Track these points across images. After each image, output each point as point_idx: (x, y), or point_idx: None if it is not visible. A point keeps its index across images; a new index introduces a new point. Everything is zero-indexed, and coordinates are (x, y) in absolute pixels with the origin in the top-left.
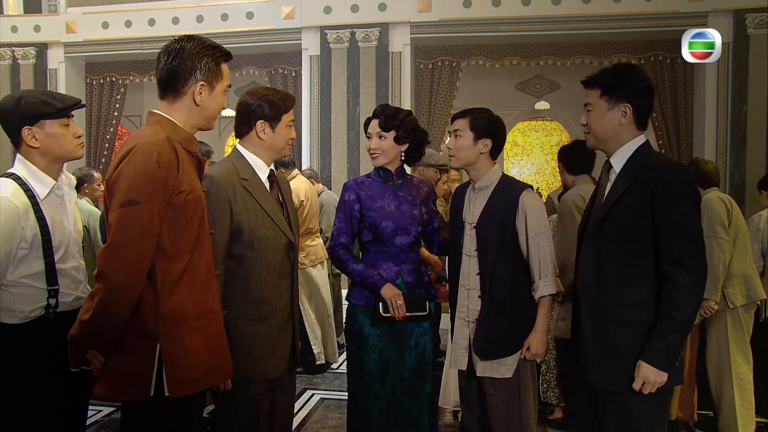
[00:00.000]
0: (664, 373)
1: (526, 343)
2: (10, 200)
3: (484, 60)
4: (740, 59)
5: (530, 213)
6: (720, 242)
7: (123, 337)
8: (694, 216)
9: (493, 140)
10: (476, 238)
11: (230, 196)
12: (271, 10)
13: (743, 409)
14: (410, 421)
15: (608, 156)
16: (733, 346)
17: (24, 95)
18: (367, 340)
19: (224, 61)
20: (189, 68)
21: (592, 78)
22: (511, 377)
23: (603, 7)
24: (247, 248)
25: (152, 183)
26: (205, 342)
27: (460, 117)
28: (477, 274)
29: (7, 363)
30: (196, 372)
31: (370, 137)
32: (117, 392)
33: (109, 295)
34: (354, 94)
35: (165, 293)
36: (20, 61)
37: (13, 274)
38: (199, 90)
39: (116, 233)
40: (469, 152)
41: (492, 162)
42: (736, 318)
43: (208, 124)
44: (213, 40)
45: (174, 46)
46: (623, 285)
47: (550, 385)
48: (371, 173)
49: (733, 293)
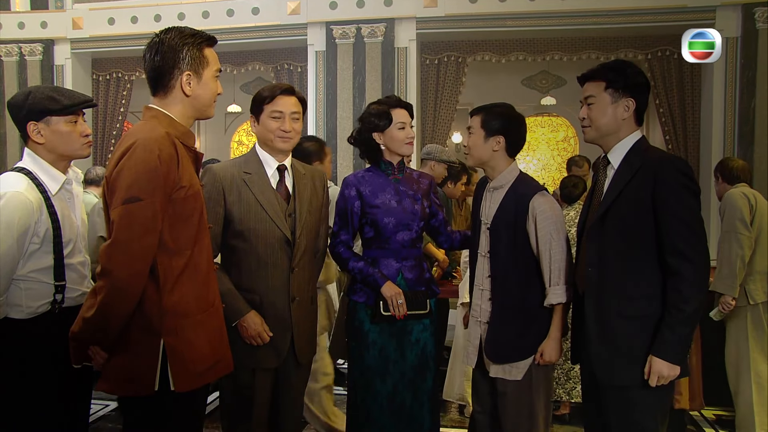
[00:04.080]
0: (676, 367)
1: (540, 349)
2: (24, 195)
3: (490, 55)
4: (748, 54)
5: (540, 218)
6: (739, 237)
7: (126, 333)
8: (694, 208)
9: (507, 137)
10: (489, 239)
11: (224, 187)
12: (276, 6)
13: (761, 407)
14: (412, 417)
15: (605, 151)
16: (752, 344)
17: (34, 90)
18: (366, 337)
19: (208, 47)
20: (172, 61)
21: (594, 71)
22: (522, 379)
23: (610, 2)
24: (238, 239)
25: (154, 179)
26: (207, 336)
27: (475, 113)
28: (488, 276)
29: (14, 358)
30: (200, 366)
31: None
32: (121, 388)
33: (112, 292)
34: (360, 90)
35: (167, 289)
36: (27, 57)
37: (22, 268)
38: (187, 80)
39: (119, 230)
40: (480, 150)
41: (509, 160)
42: (757, 315)
43: (205, 112)
44: (193, 28)
45: (154, 41)
46: (627, 279)
47: (559, 381)
48: (371, 167)
49: (755, 289)
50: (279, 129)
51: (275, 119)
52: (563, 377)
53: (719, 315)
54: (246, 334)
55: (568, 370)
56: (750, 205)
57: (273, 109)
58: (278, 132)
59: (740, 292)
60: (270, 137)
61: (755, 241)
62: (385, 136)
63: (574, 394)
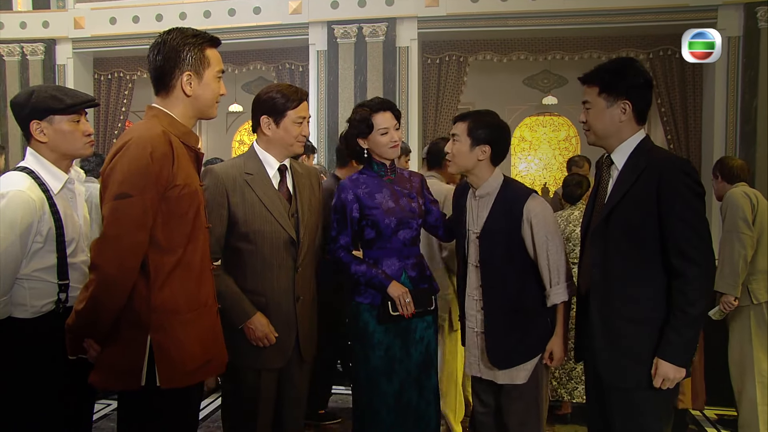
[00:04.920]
0: (682, 369)
1: (548, 349)
2: (26, 194)
3: (491, 55)
4: (750, 53)
5: (536, 222)
6: (741, 237)
7: (116, 327)
8: (699, 210)
9: (493, 147)
10: (479, 248)
11: (228, 188)
12: (278, 6)
13: (764, 406)
14: (418, 416)
15: (609, 152)
16: (756, 343)
17: (37, 89)
18: (372, 338)
19: (210, 47)
20: (173, 61)
21: (589, 75)
22: (528, 381)
23: (611, 2)
24: (242, 240)
25: (145, 176)
26: (197, 335)
27: (460, 120)
28: (479, 285)
29: (18, 357)
30: (189, 365)
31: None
32: (110, 381)
33: (101, 286)
34: (361, 90)
35: (157, 285)
36: (29, 57)
37: (26, 267)
38: (187, 80)
39: (109, 225)
40: (465, 158)
41: (492, 168)
42: (760, 314)
43: (206, 113)
44: (196, 29)
45: (157, 41)
46: (631, 281)
47: (561, 381)
48: (364, 169)
49: (758, 289)
50: (300, 134)
51: (299, 125)
52: (565, 377)
53: (719, 315)
54: (253, 336)
55: (570, 370)
56: (752, 204)
57: (298, 115)
58: (300, 137)
59: (743, 291)
60: (291, 142)
61: (757, 241)
62: (369, 141)
63: (576, 394)
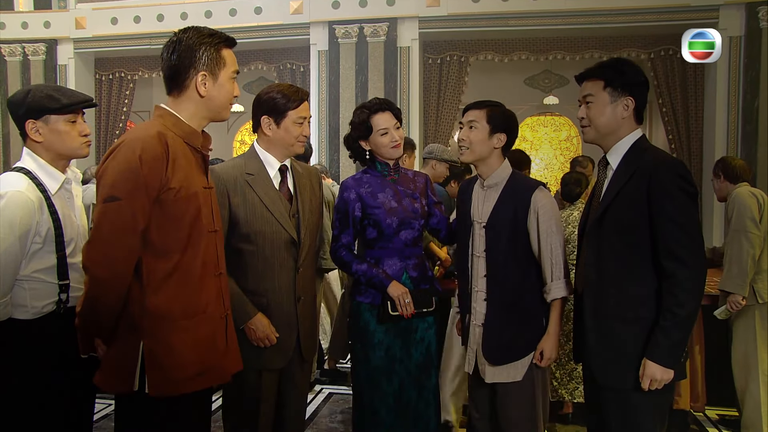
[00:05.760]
0: (670, 371)
1: (539, 347)
2: (25, 194)
3: (492, 55)
4: (752, 53)
5: (542, 212)
6: (749, 236)
7: (116, 329)
8: (691, 211)
9: (508, 136)
10: (485, 237)
11: (228, 189)
12: (279, 6)
13: None
14: (417, 415)
15: (605, 151)
16: (760, 343)
17: (33, 88)
18: (372, 337)
19: (225, 47)
20: (188, 60)
21: (592, 70)
22: (522, 380)
23: (612, 2)
24: (243, 241)
25: (134, 179)
26: (192, 343)
27: (476, 108)
28: (484, 275)
29: (19, 358)
30: (180, 373)
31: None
32: (106, 383)
33: (94, 288)
34: (362, 89)
35: (150, 290)
36: (30, 57)
37: (25, 268)
38: (202, 81)
39: (97, 228)
40: (483, 146)
41: (503, 158)
42: (765, 314)
43: (220, 114)
44: (211, 28)
45: (172, 40)
46: (624, 281)
47: (562, 381)
48: (367, 169)
49: (763, 288)
50: (301, 134)
51: (299, 125)
52: (566, 377)
53: (725, 314)
54: (254, 336)
55: (571, 371)
56: (759, 204)
57: (299, 115)
58: (300, 137)
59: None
60: (292, 142)
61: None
62: (371, 142)
63: (577, 394)
